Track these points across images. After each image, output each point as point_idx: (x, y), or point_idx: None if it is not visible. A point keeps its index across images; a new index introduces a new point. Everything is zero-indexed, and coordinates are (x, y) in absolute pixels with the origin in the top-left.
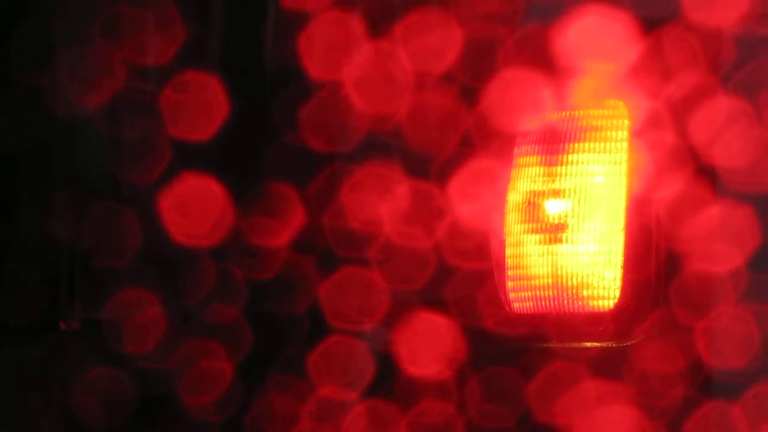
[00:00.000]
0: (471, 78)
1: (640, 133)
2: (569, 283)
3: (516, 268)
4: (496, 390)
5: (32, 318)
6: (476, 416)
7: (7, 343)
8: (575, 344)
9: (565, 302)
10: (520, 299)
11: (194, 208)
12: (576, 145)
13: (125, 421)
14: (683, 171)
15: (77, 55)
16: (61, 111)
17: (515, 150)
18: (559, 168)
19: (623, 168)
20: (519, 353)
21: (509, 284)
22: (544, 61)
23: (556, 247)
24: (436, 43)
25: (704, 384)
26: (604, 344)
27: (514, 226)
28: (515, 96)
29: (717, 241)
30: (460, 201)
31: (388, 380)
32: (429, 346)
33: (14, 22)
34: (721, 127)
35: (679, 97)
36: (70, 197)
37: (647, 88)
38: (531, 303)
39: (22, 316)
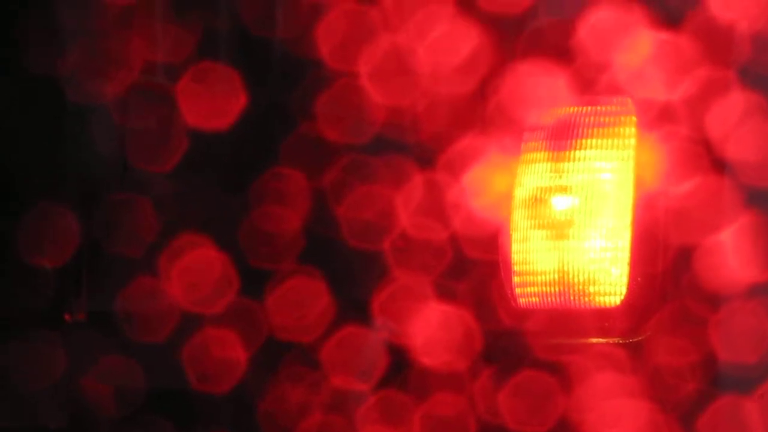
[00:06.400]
0: (486, 71)
1: (652, 128)
2: (576, 279)
3: (522, 263)
4: (509, 384)
5: (38, 310)
6: (488, 410)
7: (13, 335)
8: (582, 340)
9: (572, 298)
10: (526, 295)
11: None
12: (583, 141)
13: (135, 412)
14: (696, 166)
15: (89, 45)
16: (72, 99)
17: (522, 145)
18: (566, 164)
19: (631, 165)
20: (530, 347)
21: (516, 279)
22: (558, 55)
23: (563, 243)
24: (451, 36)
25: (717, 378)
26: (611, 340)
27: (520, 221)
28: (528, 89)
29: (730, 236)
30: (473, 194)
31: (401, 372)
32: (442, 337)
33: (25, 10)
34: (736, 122)
35: (693, 91)
36: (79, 187)
37: (662, 82)
38: (537, 299)
39: (28, 308)
